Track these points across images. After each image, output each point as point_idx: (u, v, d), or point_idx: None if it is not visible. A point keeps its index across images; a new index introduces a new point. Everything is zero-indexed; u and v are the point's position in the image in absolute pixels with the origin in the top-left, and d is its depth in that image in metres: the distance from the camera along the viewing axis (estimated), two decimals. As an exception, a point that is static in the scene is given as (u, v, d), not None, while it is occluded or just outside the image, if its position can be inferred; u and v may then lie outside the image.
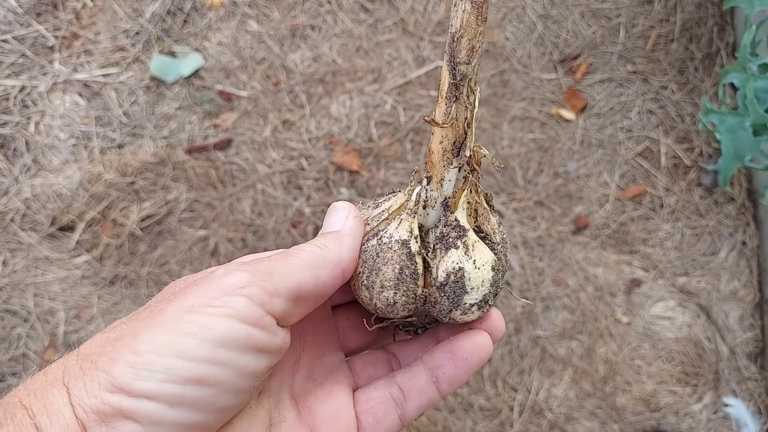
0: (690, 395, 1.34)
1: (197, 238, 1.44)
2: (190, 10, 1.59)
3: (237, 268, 0.33)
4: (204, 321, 0.30)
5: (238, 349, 0.31)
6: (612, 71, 1.54)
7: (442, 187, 0.40)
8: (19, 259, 1.41)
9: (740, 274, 1.41)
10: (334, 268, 0.37)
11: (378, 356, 0.44)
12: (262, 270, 0.33)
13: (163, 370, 0.29)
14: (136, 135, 1.51)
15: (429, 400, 0.40)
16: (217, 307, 0.31)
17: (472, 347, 0.39)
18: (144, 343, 0.30)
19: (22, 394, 0.30)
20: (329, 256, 0.37)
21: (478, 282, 0.39)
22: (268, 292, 0.32)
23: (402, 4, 1.59)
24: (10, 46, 1.55)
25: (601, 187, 1.46)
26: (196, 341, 0.30)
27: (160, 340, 0.30)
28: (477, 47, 0.37)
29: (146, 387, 0.29)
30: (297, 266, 0.35)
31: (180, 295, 0.32)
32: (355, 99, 1.53)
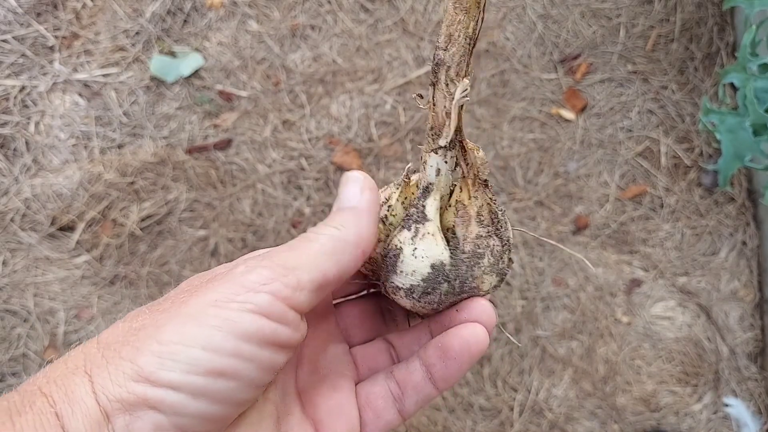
0: (690, 395, 1.34)
1: (197, 238, 1.44)
2: (190, 10, 1.59)
3: (258, 264, 0.33)
4: (229, 315, 0.30)
5: (261, 344, 0.31)
6: (612, 71, 1.54)
7: (425, 171, 0.41)
8: (19, 259, 1.41)
9: (740, 274, 1.41)
10: (355, 249, 0.36)
11: (379, 347, 0.43)
12: (283, 264, 0.33)
13: (189, 361, 0.29)
14: (136, 135, 1.51)
15: (426, 396, 0.39)
16: (240, 302, 0.31)
17: (462, 345, 0.38)
18: (170, 334, 0.30)
19: (41, 381, 0.29)
20: (349, 238, 0.36)
21: (409, 269, 0.38)
22: (291, 287, 0.32)
23: (402, 4, 1.59)
24: (10, 46, 1.55)
25: (601, 187, 1.46)
26: (222, 334, 0.30)
27: (186, 331, 0.30)
28: (455, 35, 0.37)
29: (172, 377, 0.29)
30: (318, 254, 0.34)
31: (202, 289, 0.32)
32: (355, 99, 1.53)
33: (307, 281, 0.33)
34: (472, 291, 0.39)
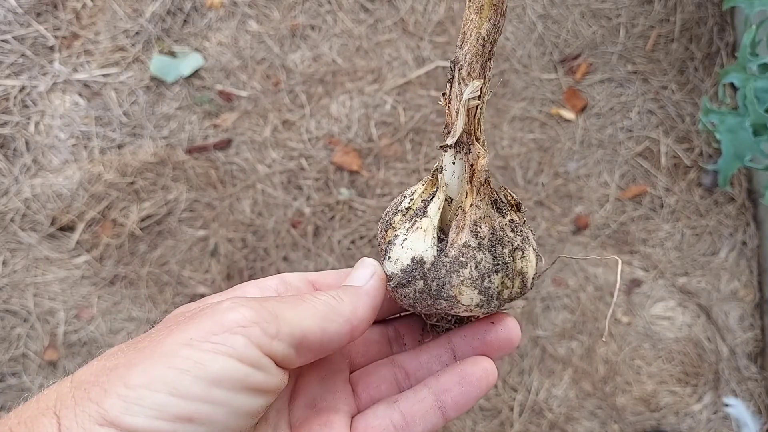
0: (690, 395, 1.34)
1: (197, 238, 1.44)
2: (190, 10, 1.59)
3: (243, 303, 0.32)
4: (200, 357, 0.30)
5: (233, 389, 0.31)
6: (612, 71, 1.54)
7: (440, 171, 0.41)
8: (19, 259, 1.41)
9: (740, 274, 1.41)
10: (344, 323, 0.36)
11: (383, 373, 0.42)
12: (268, 310, 0.32)
13: (154, 406, 0.29)
14: (136, 135, 1.51)
15: (432, 426, 0.39)
16: (215, 343, 0.30)
17: (482, 372, 0.39)
18: (137, 376, 0.29)
19: (12, 422, 0.29)
20: (342, 310, 0.36)
21: (394, 257, 0.40)
22: (269, 334, 0.32)
23: (402, 4, 1.59)
24: (10, 46, 1.55)
25: (601, 187, 1.46)
26: (190, 378, 0.29)
27: (154, 374, 0.29)
28: (468, 34, 0.37)
29: (136, 422, 0.28)
30: (306, 313, 0.34)
31: (182, 326, 0.32)
32: (355, 99, 1.53)
33: (287, 334, 0.32)
34: (450, 301, 0.39)
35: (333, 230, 1.43)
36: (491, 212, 0.40)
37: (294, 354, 0.33)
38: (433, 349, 0.42)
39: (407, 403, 0.39)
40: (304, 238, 1.43)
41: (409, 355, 0.43)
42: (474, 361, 0.39)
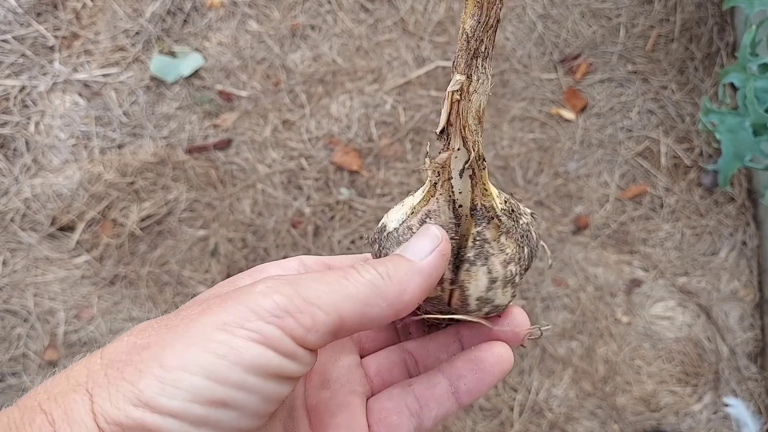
0: (690, 395, 1.34)
1: (197, 238, 1.44)
2: (190, 10, 1.59)
3: (278, 289, 0.31)
4: (236, 344, 0.29)
5: (266, 376, 0.30)
6: (612, 71, 1.54)
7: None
8: (19, 259, 1.41)
9: (740, 274, 1.41)
10: (387, 308, 0.33)
11: (394, 358, 0.42)
12: (303, 296, 0.31)
13: (191, 389, 0.28)
14: (136, 135, 1.51)
15: (446, 411, 0.38)
16: (249, 330, 0.30)
17: (496, 358, 0.38)
18: (173, 358, 0.29)
19: (42, 397, 0.29)
20: (388, 293, 0.33)
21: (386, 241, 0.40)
22: (304, 326, 0.31)
23: (402, 4, 1.59)
24: (10, 46, 1.55)
25: (601, 187, 1.46)
26: (227, 364, 0.29)
27: (190, 356, 0.29)
28: (463, 27, 0.36)
29: (172, 405, 0.28)
30: (346, 295, 0.32)
31: (214, 307, 0.31)
32: (355, 99, 1.53)
33: (323, 323, 0.31)
34: None
35: (333, 230, 1.43)
36: (446, 211, 0.39)
37: (330, 338, 0.32)
38: (441, 338, 0.42)
39: (421, 387, 0.39)
40: (304, 238, 1.43)
41: (417, 342, 0.42)
42: (489, 347, 0.38)
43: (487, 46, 0.37)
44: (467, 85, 0.37)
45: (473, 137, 0.38)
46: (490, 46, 0.37)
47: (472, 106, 0.38)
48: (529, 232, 0.40)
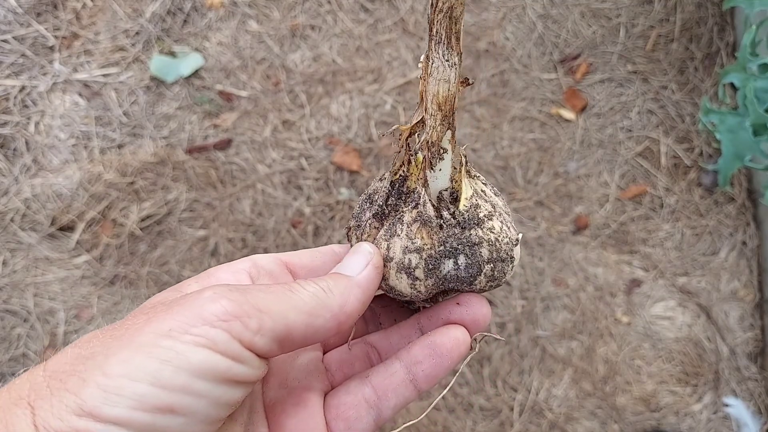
0: (690, 395, 1.34)
1: (197, 238, 1.44)
2: (190, 10, 1.59)
3: (224, 295, 0.31)
4: (181, 349, 0.29)
5: (214, 380, 0.30)
6: (612, 71, 1.54)
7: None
8: (19, 259, 1.41)
9: (740, 274, 1.41)
10: (331, 318, 0.34)
11: (355, 353, 0.42)
12: (251, 304, 0.32)
13: (135, 396, 0.28)
14: (136, 135, 1.51)
15: (405, 399, 0.39)
16: (195, 335, 0.30)
17: (452, 342, 0.38)
18: (117, 366, 0.28)
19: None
20: (330, 305, 0.34)
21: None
22: (251, 329, 0.31)
23: (402, 4, 1.59)
24: (10, 46, 1.55)
25: (601, 187, 1.46)
26: (171, 369, 0.29)
27: (134, 363, 0.28)
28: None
29: (116, 413, 0.27)
30: (291, 307, 0.33)
31: (160, 315, 0.31)
32: (355, 99, 1.53)
33: (269, 329, 0.32)
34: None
35: (333, 230, 1.43)
36: (386, 187, 0.41)
37: (277, 347, 0.33)
38: (403, 329, 0.42)
39: (378, 377, 0.39)
40: (304, 238, 1.43)
41: (380, 335, 0.42)
42: (444, 331, 0.39)
43: (438, 31, 0.36)
44: (425, 66, 0.37)
45: (432, 121, 0.38)
46: (442, 33, 0.36)
47: (429, 88, 0.38)
48: (473, 246, 0.38)
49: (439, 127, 0.39)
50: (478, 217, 0.39)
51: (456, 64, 0.37)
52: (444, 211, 0.39)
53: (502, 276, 0.39)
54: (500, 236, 0.39)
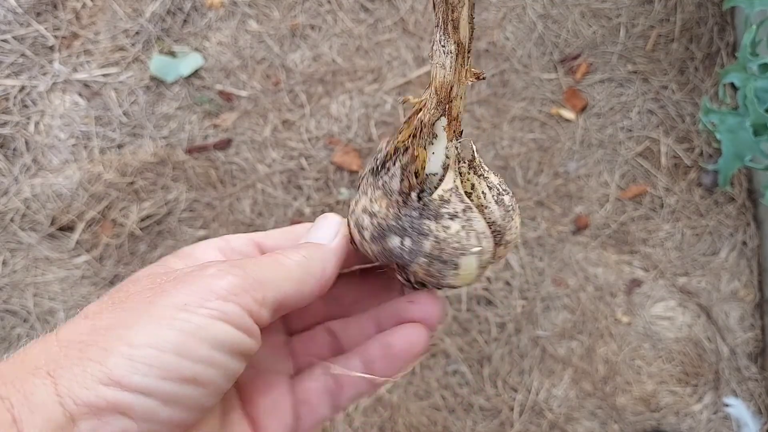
0: (690, 395, 1.34)
1: (197, 238, 1.44)
2: (190, 10, 1.59)
3: (230, 270, 0.32)
4: (201, 322, 0.30)
5: (230, 353, 0.31)
6: (612, 71, 1.54)
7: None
8: (19, 259, 1.41)
9: (740, 274, 1.41)
10: (315, 284, 0.36)
11: (320, 339, 0.43)
12: (253, 277, 0.33)
13: (162, 365, 0.28)
14: (135, 135, 1.51)
15: (361, 392, 0.40)
16: (210, 309, 0.30)
17: (406, 344, 0.39)
18: (141, 336, 0.29)
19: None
20: (314, 271, 0.37)
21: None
22: (257, 302, 0.32)
23: (402, 4, 1.59)
24: (9, 46, 1.55)
25: (601, 187, 1.46)
26: (196, 341, 0.29)
27: (159, 334, 0.29)
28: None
29: (145, 382, 0.28)
30: (284, 277, 0.35)
31: (169, 289, 0.31)
32: (355, 99, 1.53)
33: (271, 300, 0.33)
34: None
35: (333, 230, 1.43)
36: (382, 148, 0.41)
37: (273, 317, 0.34)
38: (362, 321, 0.43)
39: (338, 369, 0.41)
40: (304, 238, 1.43)
41: (340, 324, 0.44)
42: (398, 330, 0.40)
43: (438, 16, 0.37)
44: (431, 51, 0.38)
45: (429, 103, 0.38)
46: (440, 18, 0.36)
47: (431, 70, 0.38)
48: (420, 234, 0.38)
49: (432, 110, 0.39)
50: (439, 211, 0.38)
51: (451, 53, 0.37)
52: (414, 191, 0.39)
53: (439, 276, 0.39)
54: (450, 239, 0.38)
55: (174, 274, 0.34)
